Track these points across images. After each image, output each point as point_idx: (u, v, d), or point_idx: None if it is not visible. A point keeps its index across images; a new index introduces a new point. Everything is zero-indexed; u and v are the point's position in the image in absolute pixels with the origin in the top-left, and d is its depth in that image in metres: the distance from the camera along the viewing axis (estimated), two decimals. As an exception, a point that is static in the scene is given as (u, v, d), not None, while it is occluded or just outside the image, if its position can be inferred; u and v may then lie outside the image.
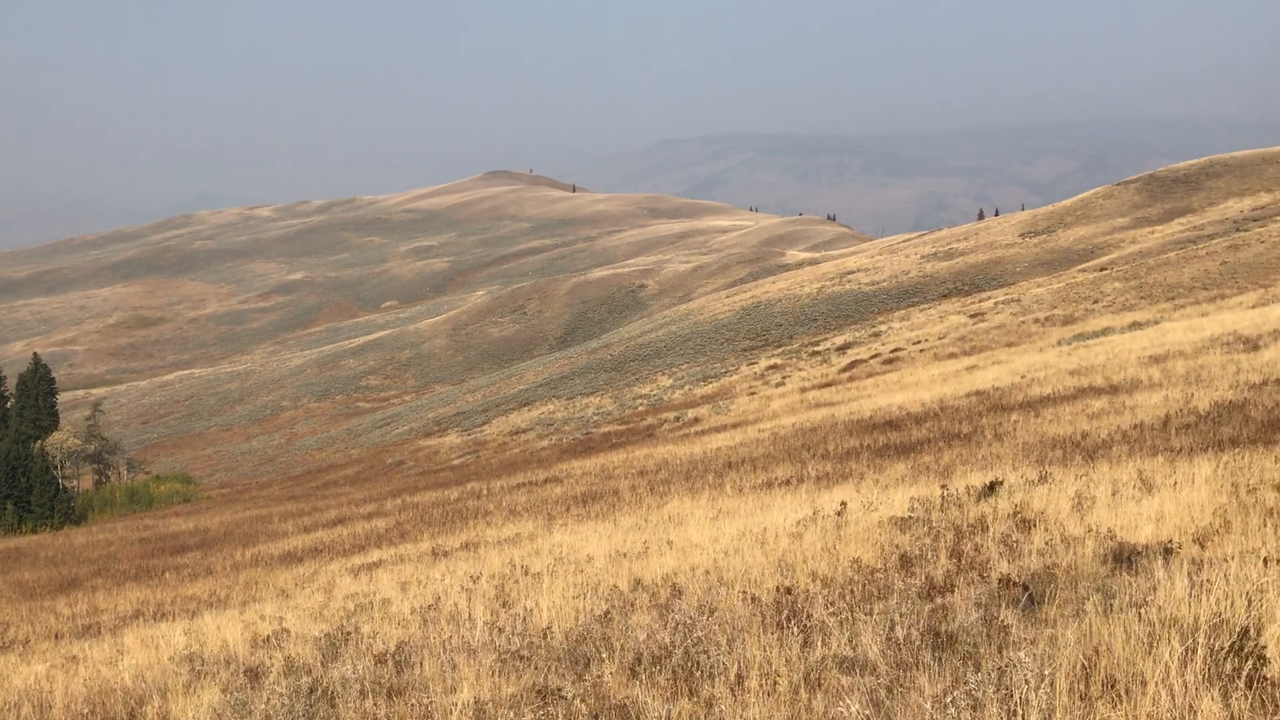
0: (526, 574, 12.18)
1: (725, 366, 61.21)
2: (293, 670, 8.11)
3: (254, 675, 8.21)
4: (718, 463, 25.42)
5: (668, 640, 6.60)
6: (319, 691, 7.07)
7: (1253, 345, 27.35)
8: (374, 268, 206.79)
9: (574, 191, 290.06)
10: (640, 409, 52.78)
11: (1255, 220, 67.34)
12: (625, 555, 12.39)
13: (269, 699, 7.06)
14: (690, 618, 7.09)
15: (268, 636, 10.46)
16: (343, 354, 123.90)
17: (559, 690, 5.99)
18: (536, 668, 6.90)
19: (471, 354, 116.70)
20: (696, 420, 43.34)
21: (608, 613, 8.20)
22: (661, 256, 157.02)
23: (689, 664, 6.09)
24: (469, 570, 13.66)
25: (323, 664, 8.35)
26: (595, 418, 53.47)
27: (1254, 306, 39.91)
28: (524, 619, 8.75)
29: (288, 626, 11.13)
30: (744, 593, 7.98)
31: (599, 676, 6.18)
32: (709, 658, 6.04)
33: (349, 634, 9.53)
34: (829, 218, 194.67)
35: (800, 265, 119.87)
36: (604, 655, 6.65)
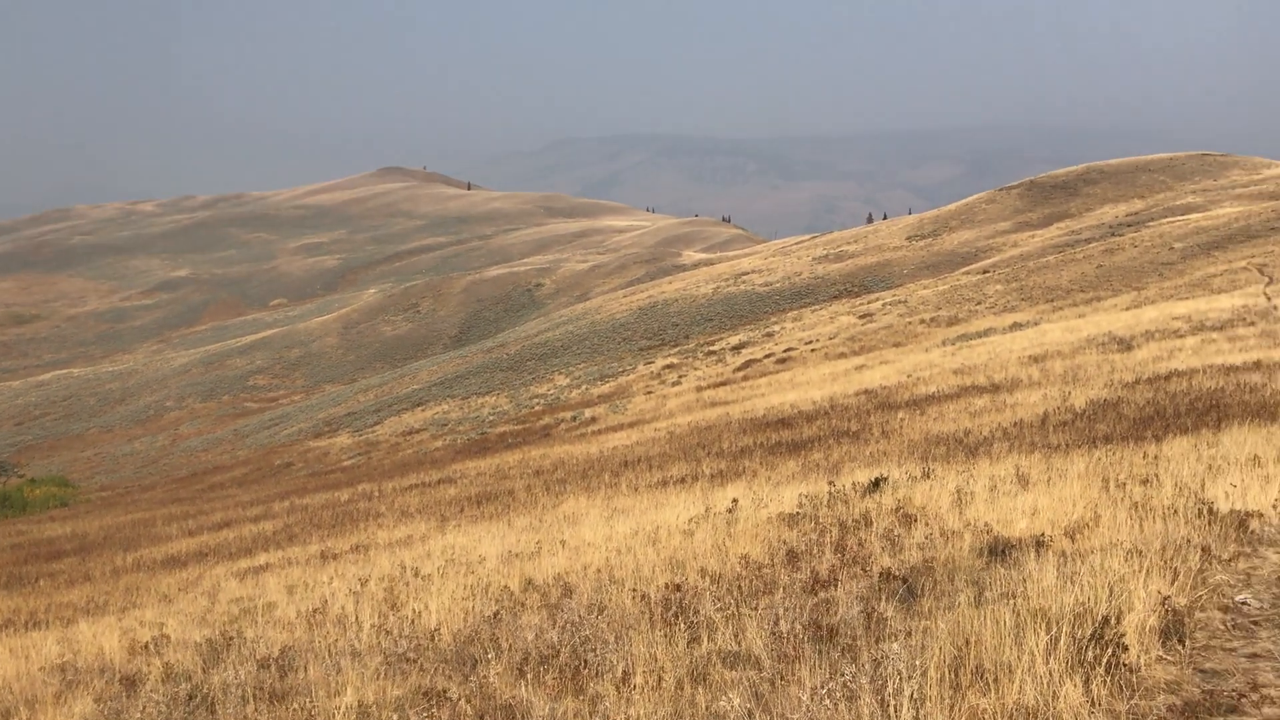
0: (417, 576, 12.05)
1: (622, 366, 61.38)
2: (171, 677, 7.89)
3: (130, 683, 7.96)
4: (614, 462, 25.46)
5: (556, 639, 6.62)
6: (198, 698, 6.90)
7: (1126, 345, 28.50)
8: (262, 265, 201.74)
9: (469, 189, 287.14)
10: (537, 408, 52.58)
11: (1129, 226, 70.19)
12: (518, 555, 12.35)
13: (145, 707, 6.86)
14: (579, 616, 7.11)
15: (147, 643, 10.14)
16: (229, 353, 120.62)
17: (444, 692, 5.96)
18: (423, 669, 6.84)
19: (363, 353, 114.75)
20: (594, 419, 43.36)
21: (497, 613, 8.17)
22: (558, 255, 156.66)
23: (576, 662, 6.11)
24: (358, 573, 13.46)
25: (204, 670, 8.14)
26: (491, 417, 53.11)
27: (1127, 308, 41.59)
28: (412, 621, 8.67)
29: (168, 633, 10.82)
30: (634, 590, 8.04)
31: (485, 677, 6.16)
32: (597, 655, 6.07)
33: (232, 639, 9.31)
34: (724, 219, 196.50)
35: (697, 266, 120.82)
36: (492, 656, 6.63)
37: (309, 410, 79.20)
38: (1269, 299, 33.55)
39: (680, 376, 52.96)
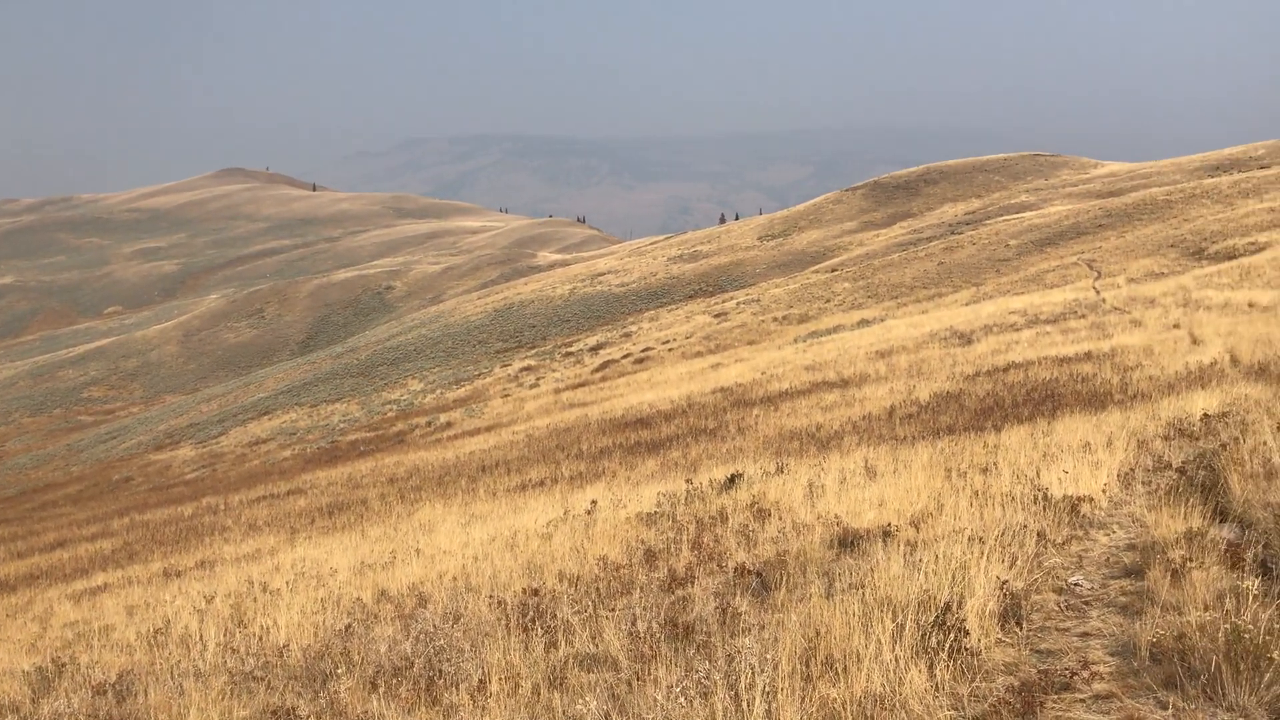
0: (266, 591, 11.64)
1: (478, 369, 60.76)
2: (-3, 711, 7.42)
3: (-51, 721, 7.45)
4: (471, 467, 25.17)
5: (410, 650, 6.48)
6: (27, 732, 6.50)
7: (967, 340, 29.65)
8: (95, 271, 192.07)
9: (314, 190, 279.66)
10: (390, 415, 51.59)
11: (967, 224, 73.14)
12: (371, 566, 12.07)
13: (-35, 745, 6.43)
14: (434, 626, 6.98)
15: (-33, 677, 9.51)
16: (61, 364, 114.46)
17: (293, 710, 5.75)
18: (271, 688, 6.60)
19: (205, 361, 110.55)
20: (449, 424, 42.79)
21: (349, 626, 7.96)
22: (409, 257, 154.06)
23: (431, 673, 5.99)
24: (203, 590, 12.93)
25: (33, 701, 7.67)
26: (342, 425, 51.83)
27: (967, 304, 43.33)
28: (260, 638, 8.36)
29: (-7, 663, 10.18)
30: (491, 597, 7.93)
31: (336, 692, 5.98)
32: (452, 665, 5.96)
33: (64, 665, 8.81)
34: (579, 220, 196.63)
35: (552, 267, 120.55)
36: (343, 670, 6.45)
37: (149, 422, 75.88)
38: (1098, 293, 35.43)
39: (538, 379, 52.75)
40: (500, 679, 5.65)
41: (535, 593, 7.79)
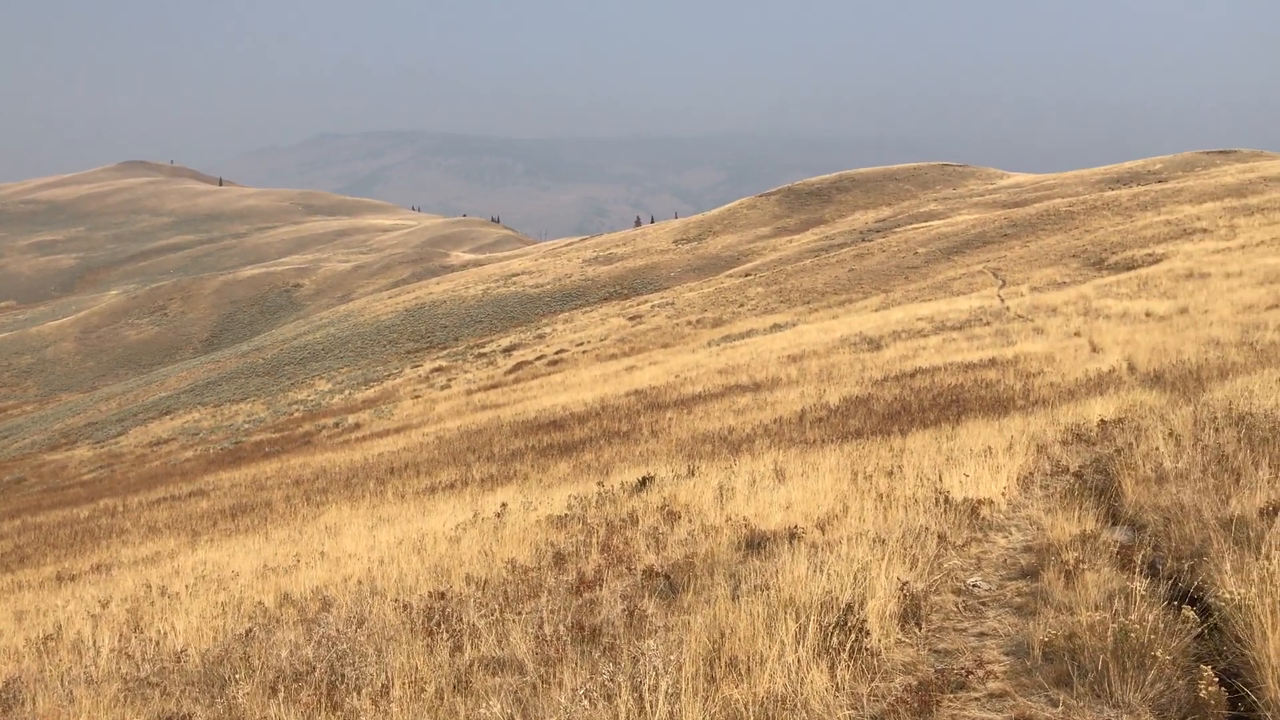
0: (164, 595, 11.33)
1: (388, 369, 59.98)
2: None
3: None
4: (380, 469, 24.83)
5: (311, 655, 6.36)
6: (-98, 746, 6.23)
7: (876, 345, 30.18)
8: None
9: (221, 185, 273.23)
10: (296, 415, 50.64)
11: (878, 231, 74.44)
12: (275, 569, 11.83)
13: None
14: (338, 630, 6.87)
15: None
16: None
17: (189, 716, 5.61)
18: (167, 694, 6.43)
19: (105, 359, 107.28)
20: (358, 425, 42.16)
21: (250, 631, 7.79)
22: (319, 255, 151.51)
23: (333, 677, 5.89)
24: (98, 594, 12.53)
25: (-90, 714, 7.35)
26: (247, 425, 50.73)
27: (877, 310, 44.08)
28: (157, 643, 8.14)
29: None
30: (397, 600, 7.84)
31: (234, 698, 5.85)
32: (355, 670, 5.87)
33: (-54, 675, 8.46)
34: (493, 220, 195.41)
35: (465, 267, 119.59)
36: (242, 675, 6.30)
37: (43, 421, 73.34)
38: (1002, 300, 36.33)
39: (450, 380, 52.28)
40: (404, 683, 5.58)
41: (442, 596, 7.71)
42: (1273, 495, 6.65)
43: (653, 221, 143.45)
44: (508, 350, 58.91)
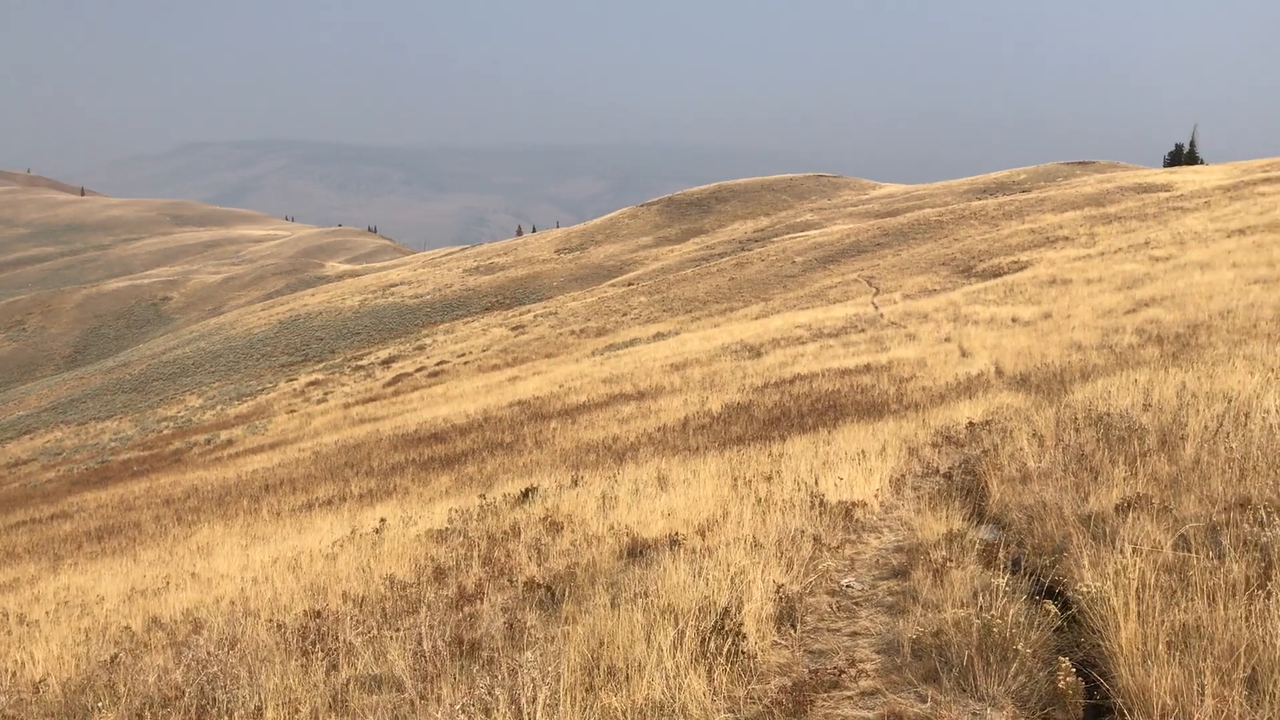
0: (22, 623, 10.81)
1: (262, 384, 58.42)
2: None
3: None
4: (254, 486, 24.18)
5: (181, 679, 6.16)
6: None
7: (756, 352, 30.64)
8: None
9: (83, 195, 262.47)
10: (166, 432, 48.93)
11: (756, 241, 75.65)
12: (143, 592, 11.41)
13: None
14: (209, 653, 6.66)
15: None
16: None
17: (48, 751, 5.37)
18: (24, 728, 6.14)
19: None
20: (231, 442, 40.95)
21: (115, 657, 7.49)
22: (188, 267, 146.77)
23: (203, 701, 5.71)
24: (-51, 626, 11.88)
25: None
26: (113, 444, 48.80)
27: (757, 318, 44.76)
28: (14, 674, 7.75)
29: None
30: (271, 621, 7.64)
31: (96, 729, 5.63)
32: (226, 693, 5.70)
33: None
34: (370, 229, 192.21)
35: (341, 277, 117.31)
36: (106, 704, 6.06)
37: (-109, 444, 69.31)
38: (876, 308, 37.28)
39: (326, 393, 51.19)
40: (277, 705, 5.44)
41: (318, 615, 7.55)
42: (1128, 492, 6.97)
43: (534, 231, 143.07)
44: (387, 362, 57.99)
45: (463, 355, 55.17)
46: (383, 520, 12.98)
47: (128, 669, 6.98)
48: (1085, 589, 5.08)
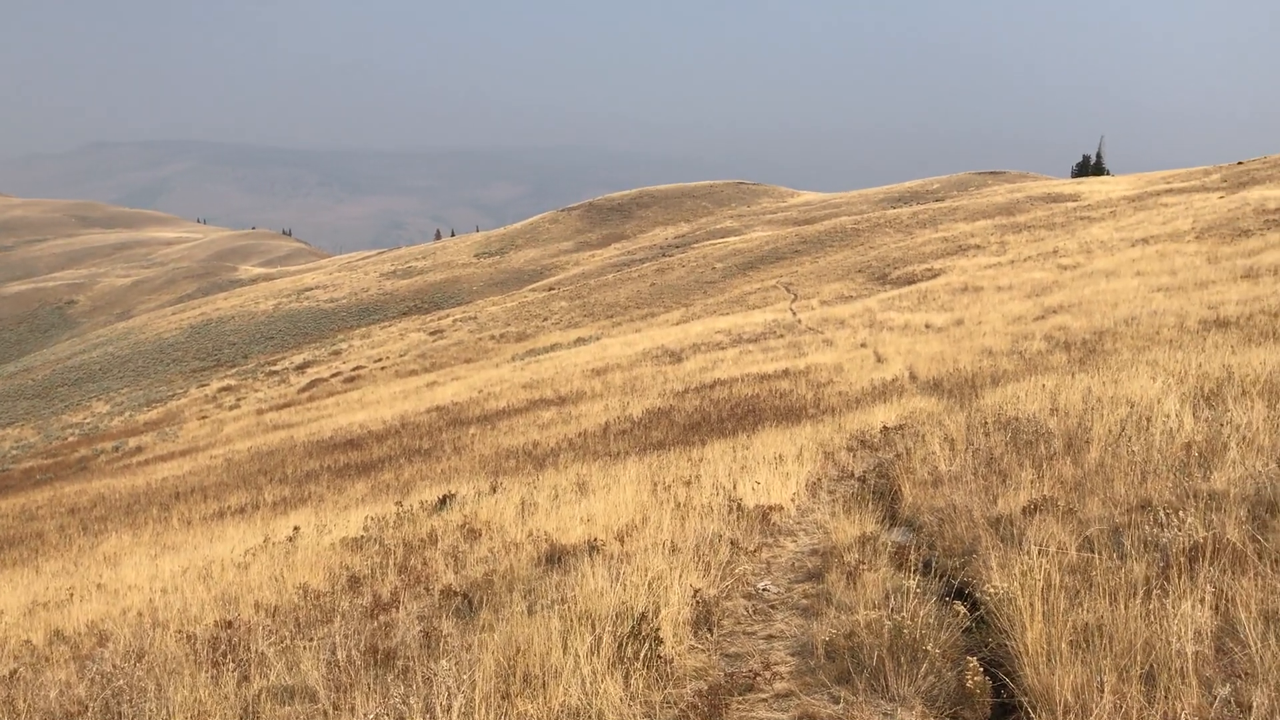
0: (-85, 640, 10.40)
1: (173, 389, 57.04)
2: None
3: None
4: (164, 494, 23.61)
5: (84, 694, 5.98)
6: None
7: (677, 358, 30.80)
8: None
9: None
10: (71, 440, 47.49)
11: (677, 247, 76.02)
12: (45, 605, 11.06)
13: None
14: (115, 666, 6.48)
15: None
16: None
17: (-59, 772, 5.18)
18: (-86, 749, 5.91)
19: None
20: (140, 449, 39.91)
21: (15, 672, 7.24)
22: (95, 270, 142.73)
23: (109, 717, 5.56)
24: None
25: None
26: (14, 452, 47.21)
27: (678, 323, 44.99)
28: (-95, 693, 7.46)
29: None
30: (180, 632, 7.45)
31: (-6, 748, 5.44)
32: (133, 707, 5.55)
33: None
34: (285, 232, 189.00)
35: (255, 281, 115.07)
36: (4, 722, 5.87)
37: None
38: (795, 314, 37.73)
39: (239, 399, 50.17)
40: (187, 718, 5.32)
41: (229, 625, 7.39)
42: (1035, 495, 7.15)
43: (453, 235, 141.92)
44: (301, 367, 57.03)
45: (380, 360, 54.50)
46: (297, 528, 12.78)
47: (28, 684, 6.76)
48: (993, 590, 5.20)
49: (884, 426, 13.42)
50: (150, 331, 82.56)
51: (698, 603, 5.84)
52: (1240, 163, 63.00)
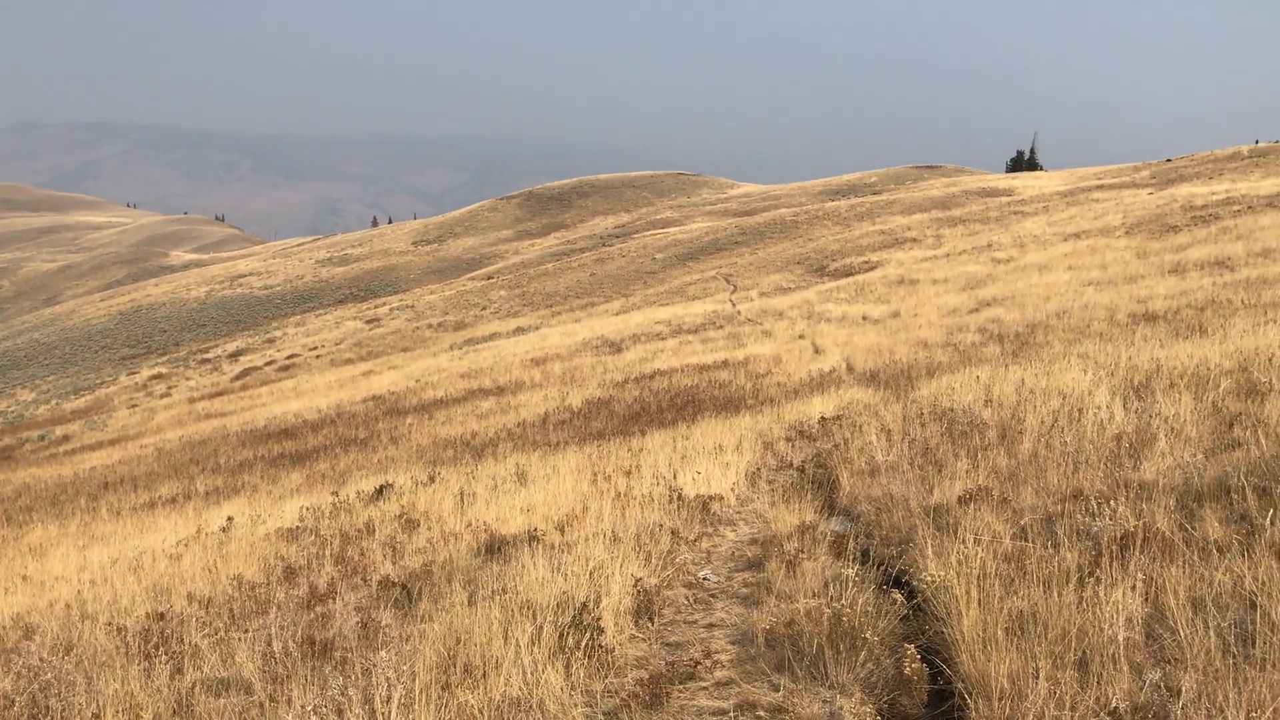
0: None
1: (101, 377, 55.80)
2: None
3: None
4: (93, 484, 23.08)
5: (10, 688, 5.82)
6: None
7: (617, 348, 30.78)
8: None
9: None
10: (-4, 428, 46.28)
11: (617, 237, 75.96)
12: (-33, 598, 10.75)
13: None
14: (41, 659, 6.31)
15: None
16: None
17: None
18: None
19: None
20: (67, 438, 38.98)
21: (-65, 667, 7.03)
22: (20, 254, 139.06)
23: (35, 711, 5.42)
24: None
25: None
26: (-64, 440, 45.89)
27: (618, 313, 44.97)
28: None
29: None
30: (110, 624, 7.29)
31: (-87, 746, 5.28)
32: (62, 701, 5.42)
33: None
34: (218, 218, 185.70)
35: (187, 267, 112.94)
36: (-79, 722, 5.69)
37: None
38: (734, 305, 37.90)
39: (170, 387, 49.23)
40: (117, 711, 5.21)
41: (161, 617, 7.25)
42: (970, 484, 7.26)
43: (391, 222, 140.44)
44: (235, 355, 56.12)
45: (315, 349, 53.80)
46: (230, 519, 12.57)
47: (-51, 680, 6.57)
48: (930, 578, 5.27)
49: (822, 417, 13.53)
50: (78, 318, 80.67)
51: (639, 592, 5.85)
52: (1169, 160, 64.48)
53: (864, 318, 28.35)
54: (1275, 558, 4.63)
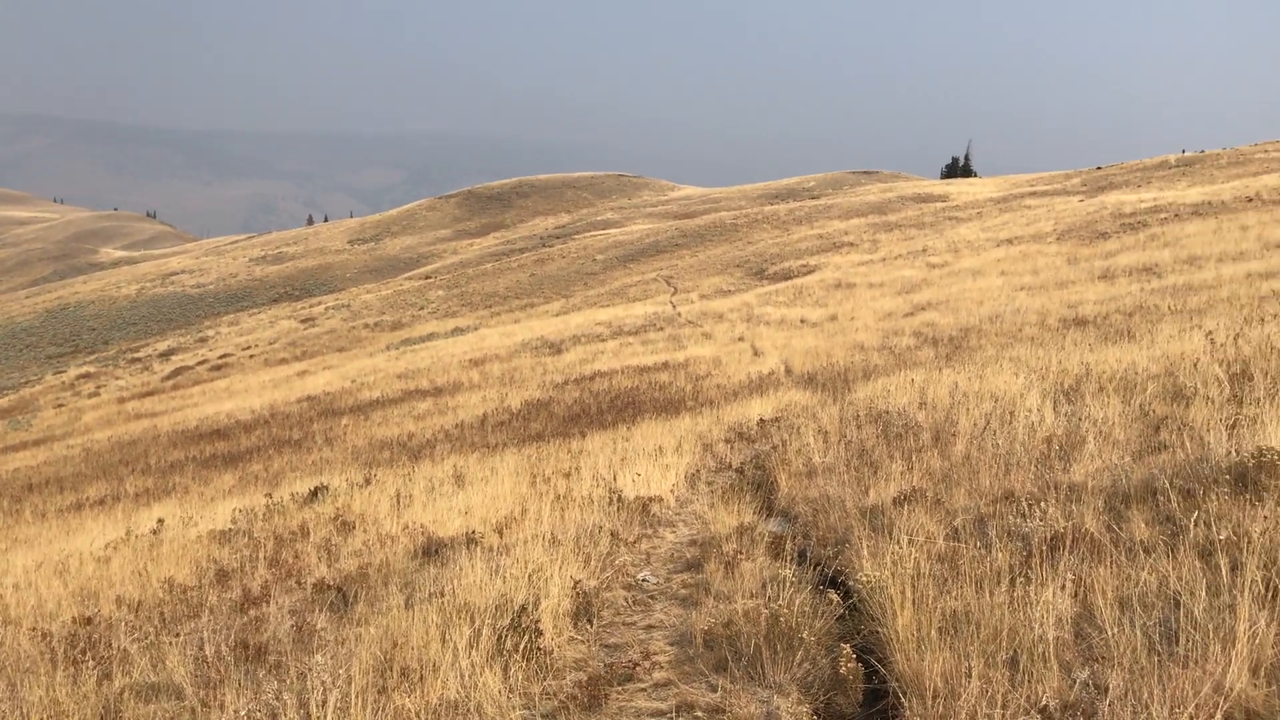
0: None
1: (26, 376, 54.43)
2: None
3: None
4: (16, 486, 22.52)
5: (-73, 699, 5.67)
6: None
7: (556, 349, 30.71)
8: None
9: None
10: (-86, 428, 44.90)
11: (558, 238, 75.77)
12: (-119, 604, 10.41)
13: None
14: (-39, 667, 6.16)
15: None
16: None
17: None
18: None
19: None
20: (-11, 438, 37.97)
21: None
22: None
23: (-45, 721, 5.28)
24: None
25: None
26: None
27: (558, 314, 44.87)
28: None
29: None
30: (35, 629, 7.12)
31: None
32: (-17, 710, 5.29)
33: None
34: (149, 214, 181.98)
35: (117, 264, 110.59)
36: None
37: None
38: (674, 307, 37.99)
39: (99, 387, 48.16)
40: (43, 718, 5.09)
41: (88, 621, 7.10)
42: (905, 486, 7.36)
43: (326, 220, 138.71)
44: (166, 355, 55.07)
45: (248, 348, 52.97)
46: (161, 521, 12.33)
47: None
48: (865, 578, 5.34)
49: (761, 419, 13.63)
50: (1, 316, 78.61)
51: (578, 594, 5.84)
52: (1099, 168, 65.92)
53: (802, 320, 28.58)
54: (1199, 558, 4.75)
